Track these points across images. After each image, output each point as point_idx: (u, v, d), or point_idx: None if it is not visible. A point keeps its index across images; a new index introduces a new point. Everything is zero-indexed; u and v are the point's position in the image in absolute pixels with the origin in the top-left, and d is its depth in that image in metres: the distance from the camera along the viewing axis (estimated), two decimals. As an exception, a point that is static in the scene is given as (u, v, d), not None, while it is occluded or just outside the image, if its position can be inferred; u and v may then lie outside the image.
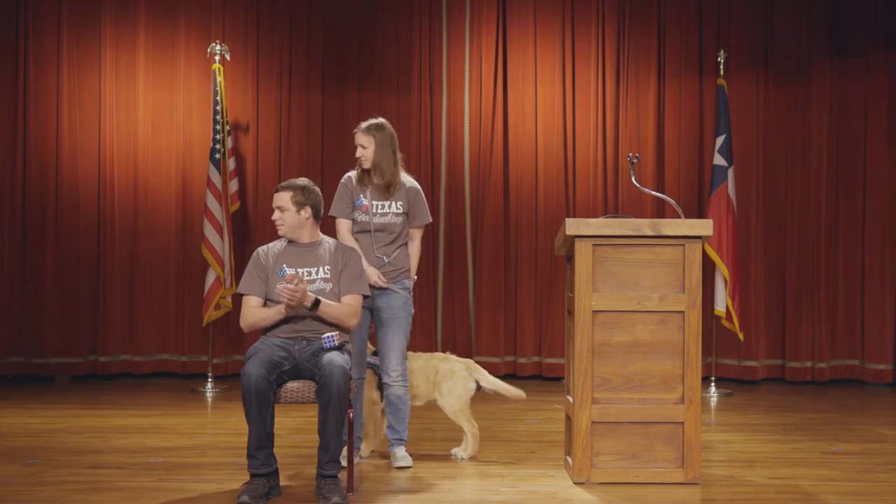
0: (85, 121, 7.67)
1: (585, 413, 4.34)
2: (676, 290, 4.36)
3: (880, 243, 7.64)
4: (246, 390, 3.96)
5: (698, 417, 4.33)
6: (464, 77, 7.79)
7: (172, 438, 5.33)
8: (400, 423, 4.74)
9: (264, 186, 7.73)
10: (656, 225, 4.36)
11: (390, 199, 4.72)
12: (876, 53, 7.67)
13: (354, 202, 4.68)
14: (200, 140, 7.66)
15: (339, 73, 7.79)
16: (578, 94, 7.79)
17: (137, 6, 7.70)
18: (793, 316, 7.69)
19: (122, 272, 7.65)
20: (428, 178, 7.77)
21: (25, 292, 7.56)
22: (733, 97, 7.58)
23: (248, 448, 4.04)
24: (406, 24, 7.79)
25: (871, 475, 4.57)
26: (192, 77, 7.70)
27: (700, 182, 7.74)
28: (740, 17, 7.76)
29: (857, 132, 7.69)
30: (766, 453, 5.05)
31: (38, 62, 7.63)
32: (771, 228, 7.74)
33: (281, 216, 4.33)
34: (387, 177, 4.71)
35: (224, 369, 7.61)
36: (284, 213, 4.32)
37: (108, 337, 7.62)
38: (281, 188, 4.36)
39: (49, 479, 4.36)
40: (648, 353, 4.35)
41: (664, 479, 4.32)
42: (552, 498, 4.13)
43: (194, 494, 4.14)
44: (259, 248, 4.38)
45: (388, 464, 4.72)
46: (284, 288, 4.09)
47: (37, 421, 5.84)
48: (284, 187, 4.35)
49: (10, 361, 7.53)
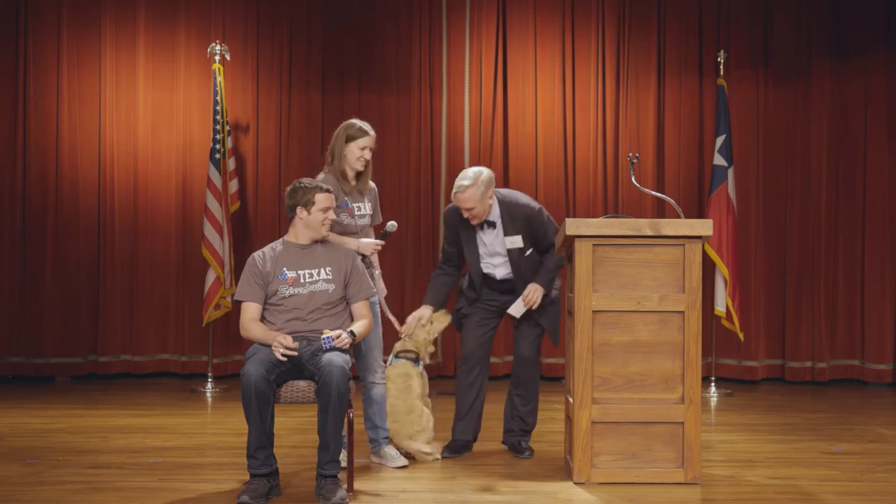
0: (85, 121, 7.67)
1: (585, 413, 4.34)
2: (676, 290, 4.36)
3: (880, 243, 7.65)
4: (246, 390, 3.96)
5: (698, 417, 4.33)
6: (464, 77, 7.80)
7: (172, 438, 5.33)
8: (384, 421, 4.75)
9: (264, 186, 7.73)
10: (656, 225, 4.36)
11: (363, 201, 4.73)
12: (876, 53, 7.68)
13: (341, 205, 4.64)
14: (200, 140, 7.66)
15: (339, 73, 7.79)
16: (578, 94, 7.79)
17: (137, 6, 7.70)
18: (793, 316, 7.69)
19: (122, 272, 7.65)
20: (428, 178, 7.77)
21: (25, 292, 7.56)
22: (733, 97, 7.58)
23: (247, 448, 4.04)
24: (406, 25, 7.79)
25: (871, 475, 4.57)
26: (192, 77, 7.70)
27: (700, 182, 7.74)
28: (740, 17, 7.76)
29: (857, 132, 7.69)
30: (766, 453, 5.05)
31: (38, 62, 7.63)
32: (771, 228, 7.75)
33: (332, 216, 4.34)
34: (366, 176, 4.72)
35: (224, 369, 7.61)
36: (329, 213, 4.32)
37: (108, 337, 7.62)
38: (329, 189, 4.33)
39: (49, 479, 4.36)
40: (648, 353, 4.35)
41: (664, 479, 4.32)
42: (552, 498, 4.13)
43: (194, 494, 4.14)
44: (254, 253, 4.35)
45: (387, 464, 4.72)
46: (285, 350, 4.09)
47: (37, 421, 5.84)
48: (329, 189, 4.33)
49: (10, 361, 7.53)
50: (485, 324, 4.94)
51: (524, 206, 4.82)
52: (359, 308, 4.34)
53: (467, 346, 4.92)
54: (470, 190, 4.65)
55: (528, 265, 4.84)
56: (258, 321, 4.23)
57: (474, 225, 4.81)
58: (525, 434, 4.98)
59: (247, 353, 4.14)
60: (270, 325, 4.23)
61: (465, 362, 4.92)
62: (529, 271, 4.84)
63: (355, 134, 4.65)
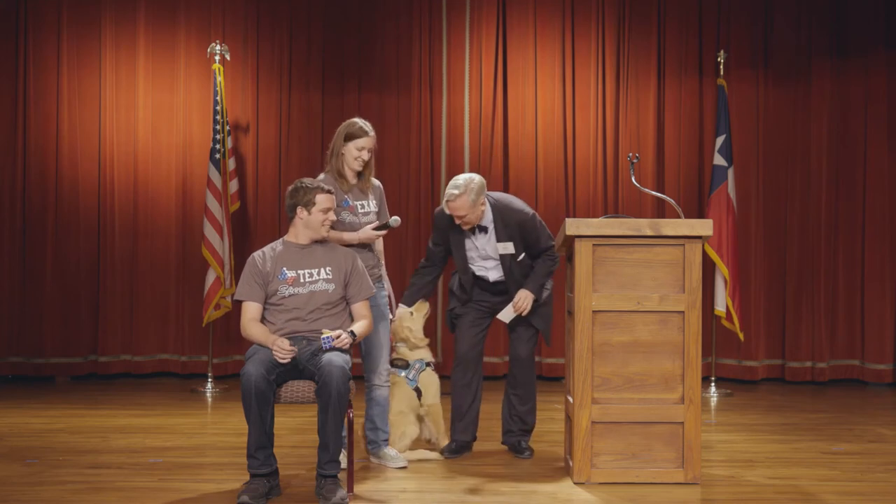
0: (85, 121, 7.67)
1: (585, 413, 4.34)
2: (676, 290, 4.36)
3: (880, 243, 7.65)
4: (246, 390, 3.96)
5: (698, 417, 4.33)
6: (464, 77, 7.80)
7: (172, 438, 5.33)
8: (385, 423, 4.75)
9: (264, 186, 7.74)
10: (656, 225, 4.36)
11: (367, 199, 4.72)
12: (876, 53, 7.68)
13: (341, 203, 4.64)
14: (200, 140, 7.66)
15: (339, 73, 7.79)
16: (578, 94, 7.79)
17: (137, 6, 7.70)
18: (793, 316, 7.69)
19: (122, 272, 7.65)
20: (428, 178, 7.77)
21: (25, 292, 7.56)
22: (733, 97, 7.58)
23: (248, 448, 4.04)
24: (406, 25, 7.79)
25: (871, 475, 4.57)
26: (192, 77, 7.70)
27: (700, 182, 7.74)
28: (740, 17, 7.76)
29: (857, 132, 7.69)
30: (766, 453, 5.05)
31: (38, 62, 7.63)
32: (771, 228, 7.75)
33: (332, 216, 4.33)
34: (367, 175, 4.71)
35: (224, 369, 7.61)
36: (330, 213, 4.32)
37: (108, 337, 7.62)
38: (330, 189, 4.33)
39: (49, 479, 4.36)
40: (648, 353, 4.35)
41: (664, 479, 4.32)
42: (552, 498, 4.13)
43: (194, 494, 4.14)
44: (254, 253, 4.35)
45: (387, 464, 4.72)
46: (286, 351, 4.10)
47: (37, 421, 5.84)
48: (330, 189, 4.33)
49: (10, 361, 7.53)
50: (478, 324, 4.94)
51: (518, 212, 4.81)
52: (359, 308, 4.34)
53: (462, 347, 4.92)
54: (461, 198, 4.64)
55: (520, 269, 4.84)
56: (258, 321, 4.23)
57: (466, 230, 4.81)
58: (525, 434, 4.98)
59: (247, 353, 4.14)
60: (270, 325, 4.23)
61: (461, 363, 4.92)
62: (521, 275, 4.84)
63: (356, 133, 4.63)
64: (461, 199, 4.63)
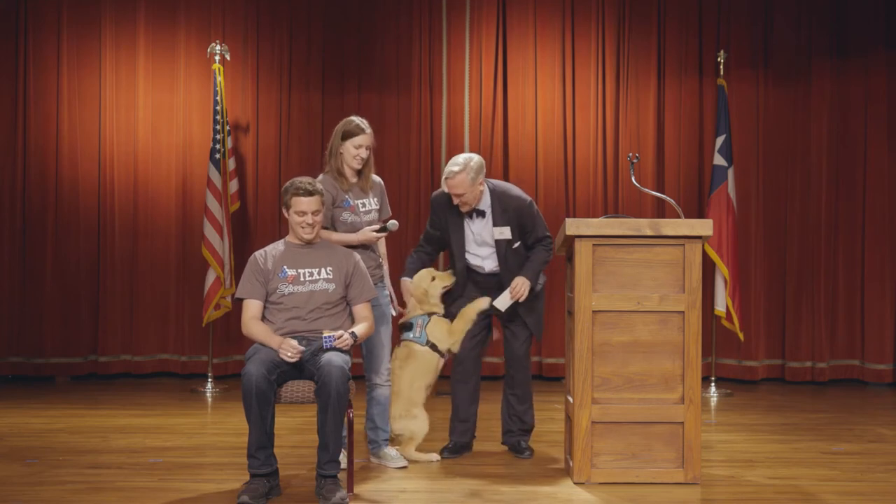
0: (85, 121, 7.67)
1: (585, 413, 4.34)
2: (676, 290, 4.36)
3: (880, 243, 7.65)
4: (246, 390, 3.96)
5: (698, 417, 4.33)
6: (464, 77, 7.79)
7: (172, 438, 5.33)
8: (385, 423, 4.75)
9: (264, 186, 7.74)
10: (656, 225, 4.36)
11: (368, 197, 4.71)
12: (876, 53, 7.68)
13: (342, 203, 4.63)
14: (200, 140, 7.66)
15: (339, 73, 7.79)
16: (578, 94, 7.79)
17: (137, 6, 7.70)
18: (793, 316, 7.69)
19: (122, 272, 7.65)
20: (428, 178, 7.77)
21: (25, 292, 7.56)
22: (733, 97, 7.58)
23: (248, 448, 4.04)
24: (406, 25, 7.79)
25: (871, 475, 4.57)
26: (192, 77, 7.70)
27: (700, 182, 7.74)
28: (740, 17, 7.76)
29: (857, 132, 7.69)
30: (766, 453, 5.05)
31: (38, 62, 7.63)
32: (771, 228, 7.75)
33: (314, 219, 4.28)
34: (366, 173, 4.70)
35: (224, 369, 7.61)
36: (318, 216, 4.29)
37: (108, 337, 7.62)
38: (315, 191, 4.25)
39: (49, 479, 4.36)
40: (648, 353, 4.35)
41: (664, 479, 4.32)
42: (552, 498, 4.13)
43: (194, 494, 4.14)
44: (255, 252, 4.35)
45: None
46: (294, 351, 4.09)
47: (37, 421, 5.84)
48: (318, 191, 4.27)
49: (10, 361, 7.53)
50: (477, 324, 4.93)
51: (516, 198, 4.81)
52: (360, 310, 4.34)
53: (461, 348, 4.91)
54: (460, 175, 4.64)
55: (515, 258, 4.83)
56: (259, 319, 4.24)
57: (464, 213, 4.80)
58: (525, 434, 4.98)
59: (247, 353, 4.14)
60: (270, 325, 4.23)
61: (461, 364, 4.92)
62: (516, 265, 4.83)
63: (353, 130, 4.63)
64: (460, 177, 4.64)
